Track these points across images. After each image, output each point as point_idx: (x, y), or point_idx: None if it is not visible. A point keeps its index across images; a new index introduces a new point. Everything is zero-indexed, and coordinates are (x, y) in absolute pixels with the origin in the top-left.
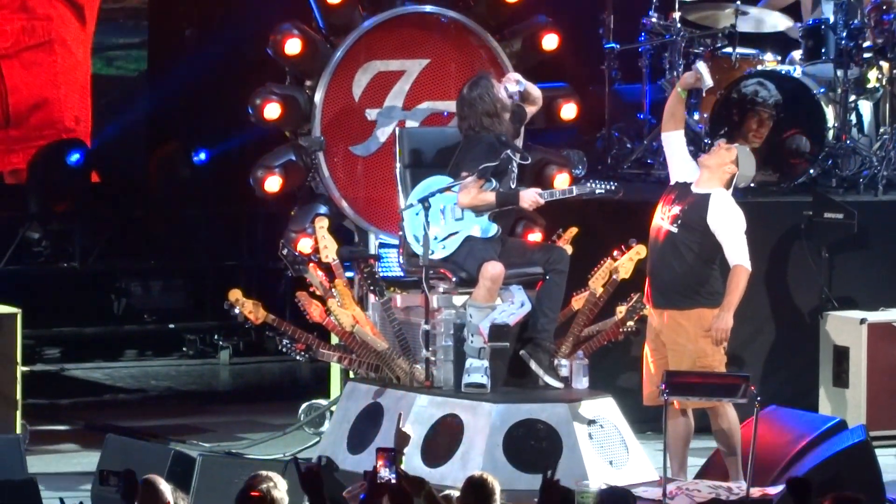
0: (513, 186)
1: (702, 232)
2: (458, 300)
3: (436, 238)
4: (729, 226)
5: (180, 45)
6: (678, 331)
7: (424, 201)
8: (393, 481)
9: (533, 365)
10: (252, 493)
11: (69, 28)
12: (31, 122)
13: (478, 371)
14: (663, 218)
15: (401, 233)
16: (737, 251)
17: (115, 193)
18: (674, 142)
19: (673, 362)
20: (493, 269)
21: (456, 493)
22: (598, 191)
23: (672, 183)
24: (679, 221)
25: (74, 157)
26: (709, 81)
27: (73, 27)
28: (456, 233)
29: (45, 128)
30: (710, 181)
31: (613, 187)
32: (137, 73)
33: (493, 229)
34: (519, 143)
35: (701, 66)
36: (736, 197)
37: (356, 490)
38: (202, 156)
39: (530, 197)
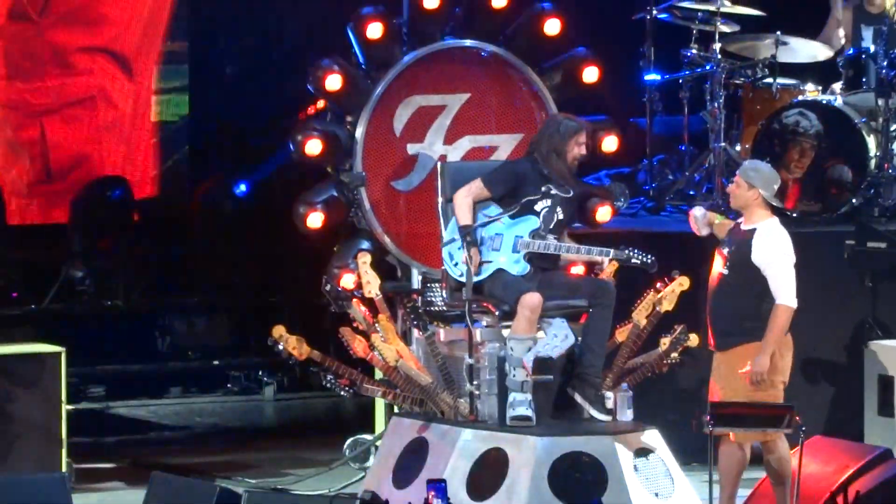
0: (558, 216)
1: (749, 270)
2: (503, 333)
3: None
4: (773, 261)
5: (221, 84)
6: (732, 366)
7: (467, 229)
8: None
9: (579, 398)
10: None
11: (114, 82)
12: (73, 176)
13: (522, 404)
14: (718, 258)
15: (443, 267)
16: (780, 288)
17: (157, 230)
18: None
19: (731, 397)
20: (532, 300)
21: None
22: (633, 260)
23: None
24: (729, 263)
25: (116, 194)
26: (703, 231)
27: (118, 81)
28: (489, 262)
29: (86, 182)
30: (751, 216)
31: (649, 260)
32: (179, 118)
33: (525, 268)
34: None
35: (697, 211)
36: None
37: None
38: (242, 187)
39: (465, 253)
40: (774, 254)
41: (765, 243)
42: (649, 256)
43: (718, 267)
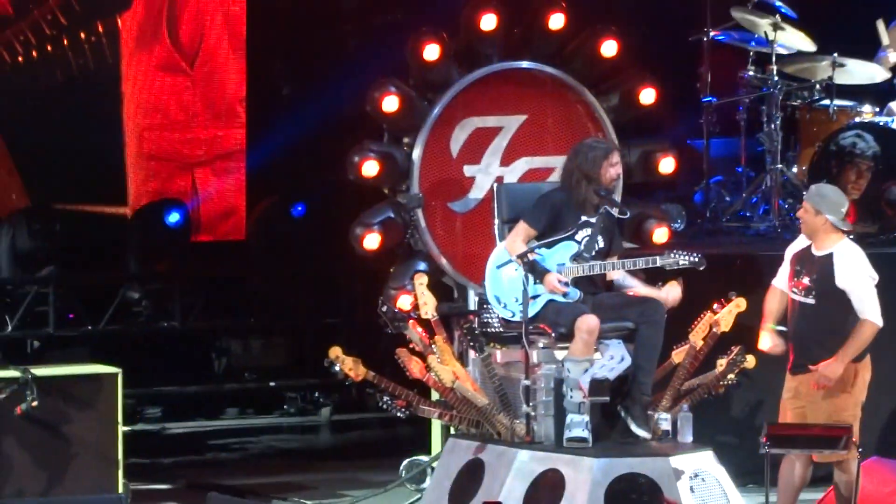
0: (598, 245)
1: (836, 295)
2: (559, 355)
3: (516, 300)
4: (857, 282)
5: (278, 103)
6: (817, 387)
7: (523, 257)
8: None
9: (623, 414)
10: None
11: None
12: (221, 229)
13: (578, 426)
14: (794, 290)
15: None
16: (865, 305)
17: (214, 252)
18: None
19: (811, 416)
20: (589, 322)
21: None
22: (682, 262)
23: (792, 247)
24: (813, 293)
25: (174, 216)
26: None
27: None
28: (538, 296)
29: (230, 235)
30: (823, 241)
31: (696, 258)
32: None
33: (575, 293)
34: (618, 197)
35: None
36: None
37: None
38: (299, 208)
39: (550, 283)
40: (857, 274)
41: (846, 265)
42: (696, 255)
43: (797, 296)
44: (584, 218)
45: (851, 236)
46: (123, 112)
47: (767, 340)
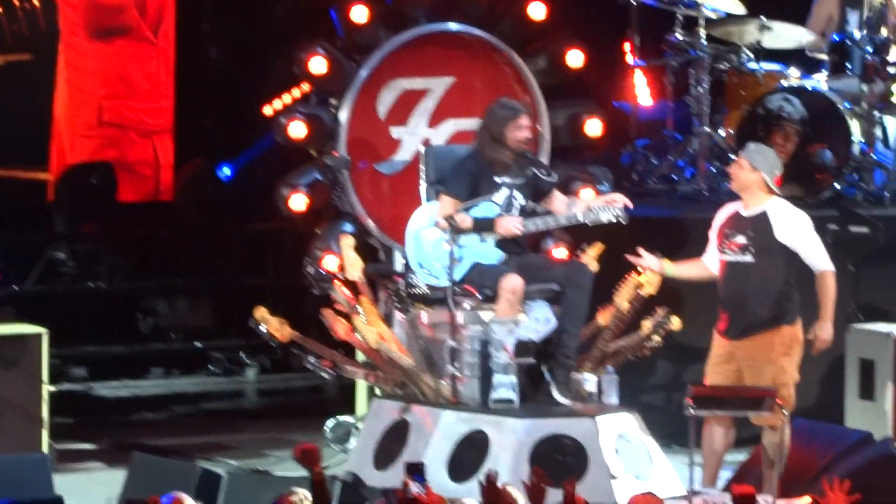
0: (518, 203)
1: (779, 251)
2: (485, 316)
3: (440, 265)
4: (798, 233)
5: (205, 65)
6: (758, 348)
7: (450, 219)
8: (423, 496)
9: (548, 378)
10: None
11: None
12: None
13: (505, 386)
14: (727, 251)
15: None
16: (816, 256)
17: (140, 213)
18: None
19: (750, 378)
20: (513, 282)
21: None
22: (603, 217)
23: (718, 218)
24: (751, 250)
25: (100, 181)
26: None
27: None
28: (460, 260)
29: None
30: (753, 200)
31: (619, 212)
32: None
33: (499, 255)
34: (544, 159)
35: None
36: None
37: None
38: (227, 171)
39: (506, 225)
40: (798, 226)
41: (784, 219)
42: (617, 210)
43: (731, 256)
44: (499, 179)
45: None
46: (59, 81)
47: (650, 258)
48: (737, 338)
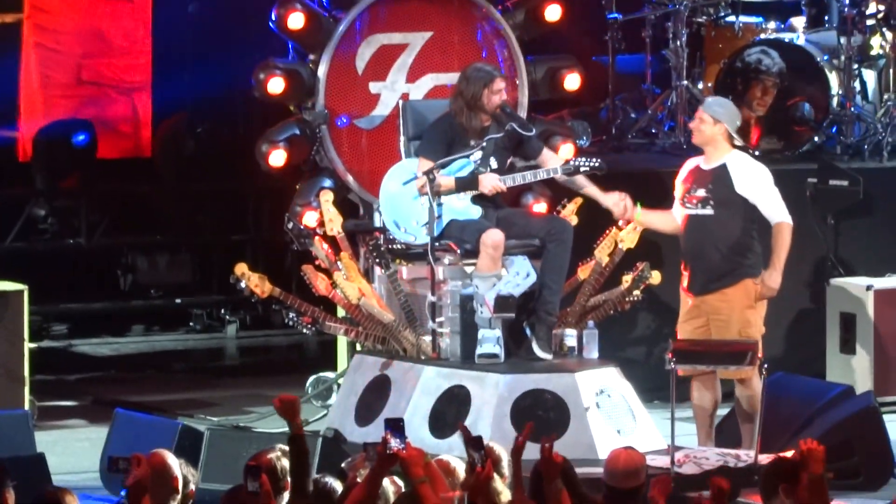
0: (491, 167)
1: (738, 203)
2: (465, 272)
3: (416, 223)
4: (757, 185)
5: (184, 20)
6: (723, 302)
7: (429, 174)
8: (402, 451)
9: (528, 332)
10: (250, 463)
11: None
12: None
13: (490, 341)
14: (689, 205)
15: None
16: (774, 208)
17: (120, 169)
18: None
19: (717, 332)
20: (494, 237)
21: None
22: (582, 169)
23: (681, 173)
24: (711, 203)
25: (80, 137)
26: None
27: None
28: (438, 217)
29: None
30: (715, 152)
31: (597, 163)
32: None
33: (475, 211)
34: (523, 114)
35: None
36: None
37: (355, 461)
38: (204, 127)
39: (489, 182)
40: (757, 178)
41: (744, 171)
42: (596, 160)
43: (693, 209)
44: (474, 142)
45: (757, 152)
46: (26, 41)
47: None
48: (701, 293)
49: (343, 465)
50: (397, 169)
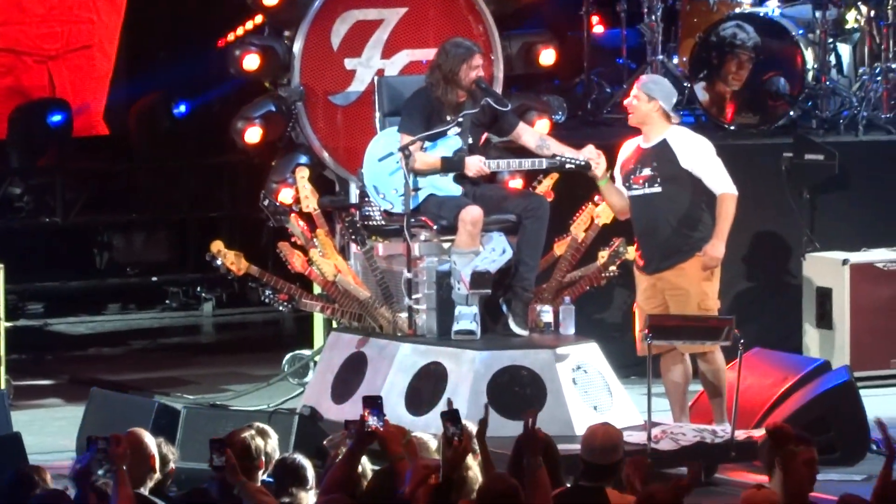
0: (468, 141)
1: (684, 177)
2: (441, 248)
3: (396, 191)
4: (700, 157)
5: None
6: (680, 276)
7: (405, 149)
8: (381, 429)
9: (504, 309)
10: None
11: (109, 33)
12: (75, 125)
13: (467, 318)
14: (635, 186)
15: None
16: (717, 179)
17: (96, 147)
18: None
19: (676, 307)
20: (473, 213)
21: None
22: (567, 165)
23: (620, 155)
24: (658, 180)
25: (56, 118)
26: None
27: (112, 31)
28: (418, 189)
29: (83, 130)
30: (653, 130)
31: (583, 162)
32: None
33: (455, 188)
34: (498, 89)
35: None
36: (714, 140)
37: (337, 439)
38: (182, 108)
39: (474, 165)
40: (699, 150)
41: (685, 145)
42: (582, 159)
43: (639, 189)
44: (450, 117)
45: (733, 126)
46: None
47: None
48: (655, 271)
49: (325, 442)
50: (384, 135)
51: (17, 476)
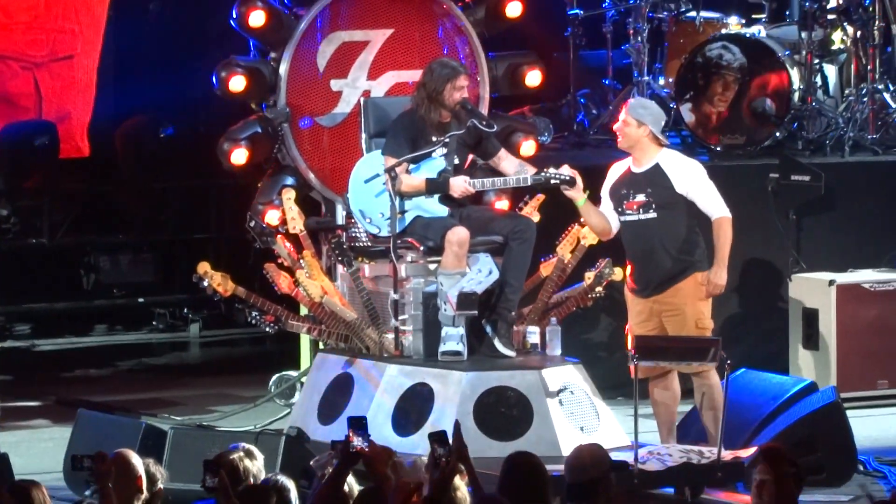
0: (455, 162)
1: (679, 203)
2: (427, 269)
3: (382, 215)
4: (695, 182)
5: (144, 20)
6: (675, 296)
7: (391, 171)
8: (366, 450)
9: (489, 331)
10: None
11: (90, 46)
12: (62, 146)
13: (453, 339)
14: (629, 212)
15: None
16: (712, 203)
17: (82, 169)
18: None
19: (673, 328)
20: (459, 234)
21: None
22: (552, 181)
23: (609, 178)
24: (653, 206)
25: (44, 140)
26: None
27: (93, 45)
28: (405, 211)
29: (64, 142)
30: (644, 154)
31: (568, 177)
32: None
33: (442, 209)
34: (484, 110)
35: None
36: (703, 162)
37: (323, 460)
38: (168, 131)
39: (459, 186)
40: (693, 175)
41: (679, 170)
42: (567, 174)
43: (633, 216)
44: (435, 138)
45: (719, 147)
46: None
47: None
48: (652, 294)
49: (311, 463)
50: (369, 158)
51: (9, 490)
